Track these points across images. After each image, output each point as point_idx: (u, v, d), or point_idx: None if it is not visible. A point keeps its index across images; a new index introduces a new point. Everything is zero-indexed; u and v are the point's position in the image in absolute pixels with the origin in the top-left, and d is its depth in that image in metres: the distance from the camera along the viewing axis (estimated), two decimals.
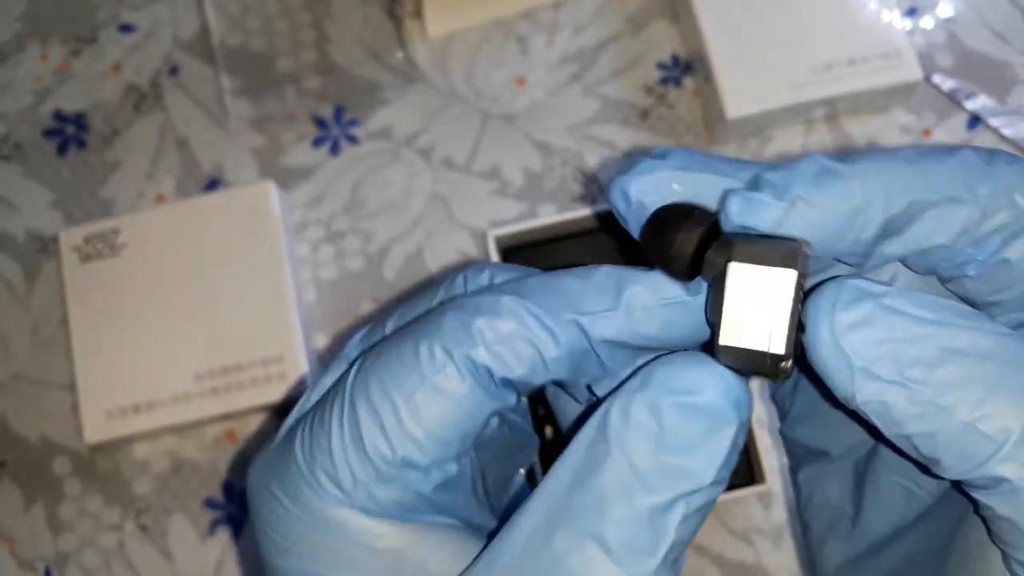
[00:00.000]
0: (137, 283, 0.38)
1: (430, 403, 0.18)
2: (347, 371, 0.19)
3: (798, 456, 0.23)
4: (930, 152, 0.18)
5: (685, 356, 0.17)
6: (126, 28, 0.44)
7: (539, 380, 0.18)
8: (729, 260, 0.16)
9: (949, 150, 0.18)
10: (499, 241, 0.37)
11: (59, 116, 0.43)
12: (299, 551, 0.19)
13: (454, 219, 0.41)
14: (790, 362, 0.16)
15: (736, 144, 0.42)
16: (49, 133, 0.43)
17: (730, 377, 0.17)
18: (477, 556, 0.18)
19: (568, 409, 0.21)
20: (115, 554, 0.38)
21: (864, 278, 0.16)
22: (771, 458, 0.38)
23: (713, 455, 0.17)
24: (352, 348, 0.20)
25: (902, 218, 0.17)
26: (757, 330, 0.16)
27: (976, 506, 0.17)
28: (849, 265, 0.18)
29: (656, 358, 0.17)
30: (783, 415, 0.23)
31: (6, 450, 0.39)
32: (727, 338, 0.16)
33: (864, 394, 0.16)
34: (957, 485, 0.16)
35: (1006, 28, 0.44)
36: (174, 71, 0.43)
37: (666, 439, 0.17)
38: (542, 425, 0.36)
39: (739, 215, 0.17)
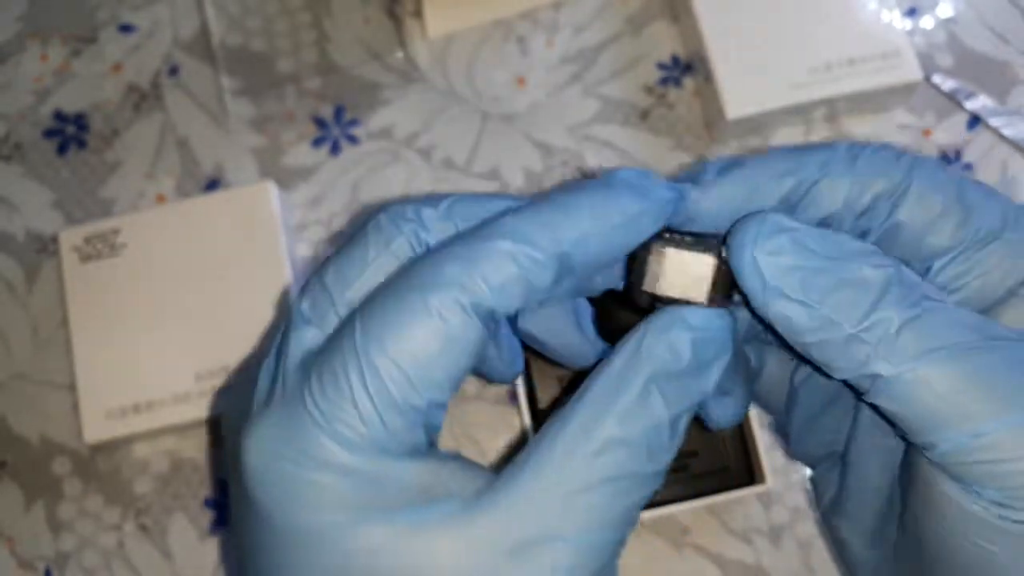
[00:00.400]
0: (137, 283, 0.38)
1: (446, 350, 0.20)
2: (349, 327, 0.20)
3: (812, 465, 0.26)
4: (815, 145, 0.23)
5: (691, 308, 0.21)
6: (126, 28, 0.44)
7: (530, 306, 0.21)
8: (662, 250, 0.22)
9: (830, 143, 0.23)
10: None
11: (59, 116, 0.43)
12: (328, 507, 0.20)
13: None
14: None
15: (736, 144, 0.42)
16: (49, 133, 0.43)
17: (726, 315, 0.21)
18: (515, 460, 0.21)
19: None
20: (115, 554, 0.38)
21: (782, 214, 0.21)
22: (771, 458, 0.38)
23: (714, 375, 0.21)
24: (304, 308, 0.21)
25: (795, 194, 0.23)
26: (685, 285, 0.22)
27: (878, 412, 0.21)
28: None
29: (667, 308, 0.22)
30: (786, 440, 0.26)
31: (6, 450, 0.39)
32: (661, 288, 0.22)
33: (774, 309, 0.20)
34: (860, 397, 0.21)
35: (1006, 28, 0.44)
36: (174, 71, 0.43)
37: (683, 366, 0.21)
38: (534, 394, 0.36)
39: (676, 203, 0.22)
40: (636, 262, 0.22)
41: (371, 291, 0.21)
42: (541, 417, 0.36)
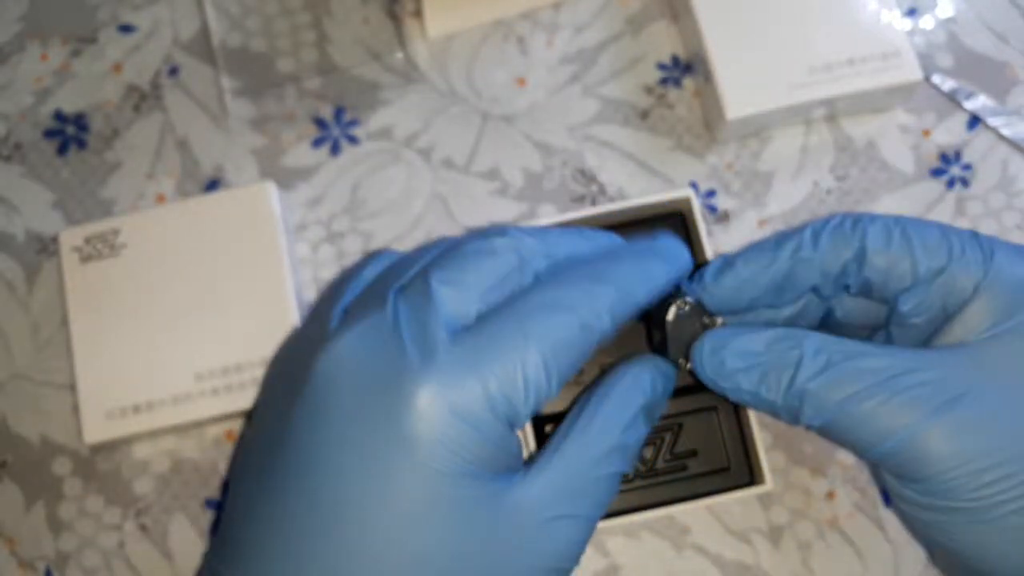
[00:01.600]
0: (137, 283, 0.38)
1: (574, 355, 0.28)
2: (507, 321, 0.27)
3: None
4: (787, 235, 0.31)
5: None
6: (126, 28, 0.44)
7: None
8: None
9: (798, 230, 0.31)
10: None
11: (59, 116, 0.43)
12: (459, 458, 0.26)
13: (454, 219, 0.42)
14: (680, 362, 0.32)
15: (736, 144, 0.42)
16: (49, 133, 0.43)
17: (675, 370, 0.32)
18: (543, 457, 0.28)
19: None
20: (115, 554, 0.38)
21: (726, 329, 0.31)
22: (771, 458, 0.38)
23: (663, 407, 0.31)
24: (445, 292, 0.27)
25: (776, 281, 0.31)
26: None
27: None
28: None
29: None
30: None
31: (6, 450, 0.39)
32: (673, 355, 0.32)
33: (731, 394, 0.30)
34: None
35: (1006, 28, 0.44)
36: (174, 71, 0.43)
37: (657, 398, 0.31)
38: (542, 424, 0.36)
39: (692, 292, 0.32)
40: (661, 313, 0.32)
41: (506, 297, 0.28)
42: (542, 422, 0.36)
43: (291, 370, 0.29)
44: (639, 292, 0.29)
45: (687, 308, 0.31)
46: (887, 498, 0.38)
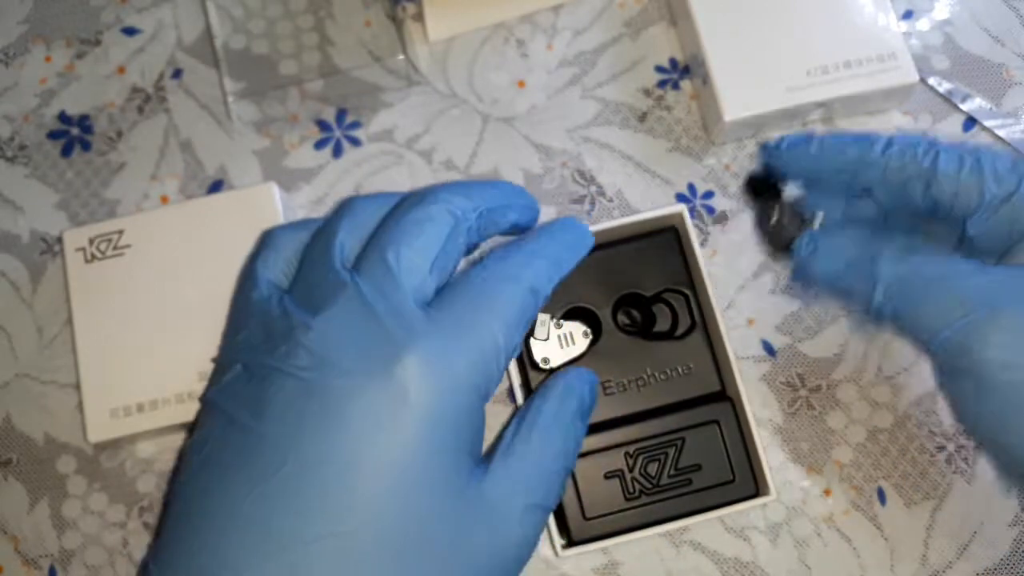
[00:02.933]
0: (141, 283, 0.38)
1: (522, 326, 0.30)
2: (459, 294, 0.29)
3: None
4: (861, 137, 0.35)
5: None
6: (130, 31, 0.45)
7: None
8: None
9: (870, 137, 0.35)
10: None
11: (64, 118, 0.43)
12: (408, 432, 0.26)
13: None
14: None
15: (734, 145, 0.43)
16: (54, 135, 0.43)
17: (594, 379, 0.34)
18: (502, 448, 0.30)
19: None
20: (119, 552, 0.39)
21: (819, 231, 0.36)
22: (769, 458, 0.39)
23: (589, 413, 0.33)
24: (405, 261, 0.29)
25: (846, 172, 0.35)
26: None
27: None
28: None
29: None
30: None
31: (11, 449, 0.40)
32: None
33: (824, 283, 0.35)
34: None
35: (1002, 30, 0.44)
36: (177, 74, 0.44)
37: (585, 405, 0.33)
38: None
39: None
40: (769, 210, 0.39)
41: (454, 263, 0.30)
42: None
43: (249, 360, 0.29)
44: (566, 262, 0.32)
45: (788, 209, 0.37)
46: (883, 497, 0.39)
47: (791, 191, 0.37)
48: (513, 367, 0.36)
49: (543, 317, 0.36)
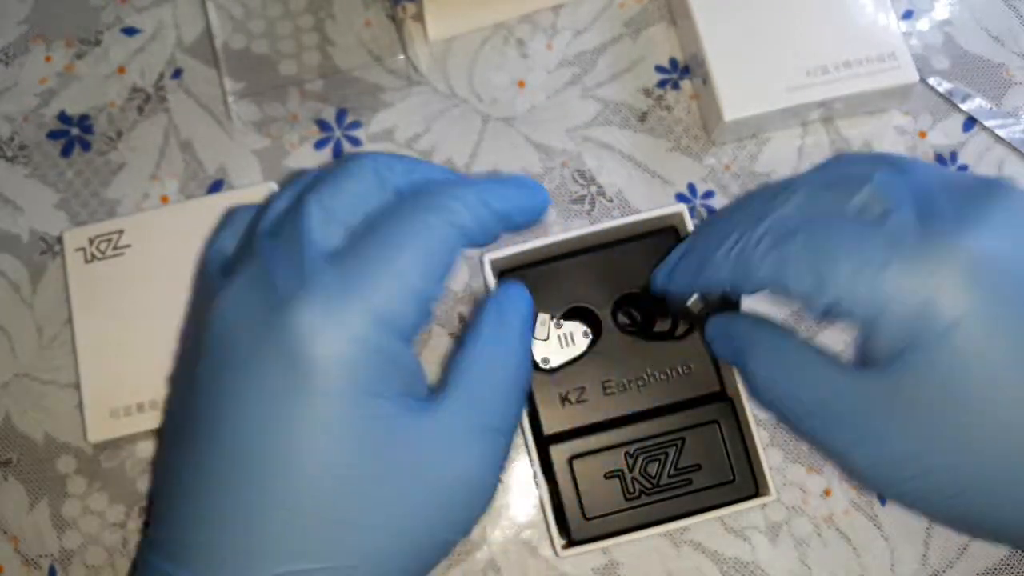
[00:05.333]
0: (141, 283, 0.38)
1: (446, 257, 0.28)
2: (370, 235, 0.27)
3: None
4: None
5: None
6: (130, 31, 0.45)
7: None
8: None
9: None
10: (494, 264, 0.37)
11: (63, 118, 0.43)
12: (348, 378, 0.26)
13: None
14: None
15: (734, 145, 0.43)
16: (54, 135, 0.43)
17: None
18: (451, 380, 0.29)
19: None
20: (119, 552, 0.39)
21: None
22: (768, 457, 0.39)
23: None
24: (316, 219, 0.27)
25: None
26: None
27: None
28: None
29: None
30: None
31: (11, 448, 0.40)
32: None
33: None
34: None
35: (1002, 30, 0.44)
36: (178, 74, 0.44)
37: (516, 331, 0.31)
38: (546, 443, 0.36)
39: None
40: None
41: (374, 211, 0.28)
42: (546, 441, 0.36)
43: (192, 334, 0.29)
44: (510, 213, 0.29)
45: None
46: (883, 497, 0.39)
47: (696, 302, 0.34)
48: None
49: (543, 317, 0.36)
